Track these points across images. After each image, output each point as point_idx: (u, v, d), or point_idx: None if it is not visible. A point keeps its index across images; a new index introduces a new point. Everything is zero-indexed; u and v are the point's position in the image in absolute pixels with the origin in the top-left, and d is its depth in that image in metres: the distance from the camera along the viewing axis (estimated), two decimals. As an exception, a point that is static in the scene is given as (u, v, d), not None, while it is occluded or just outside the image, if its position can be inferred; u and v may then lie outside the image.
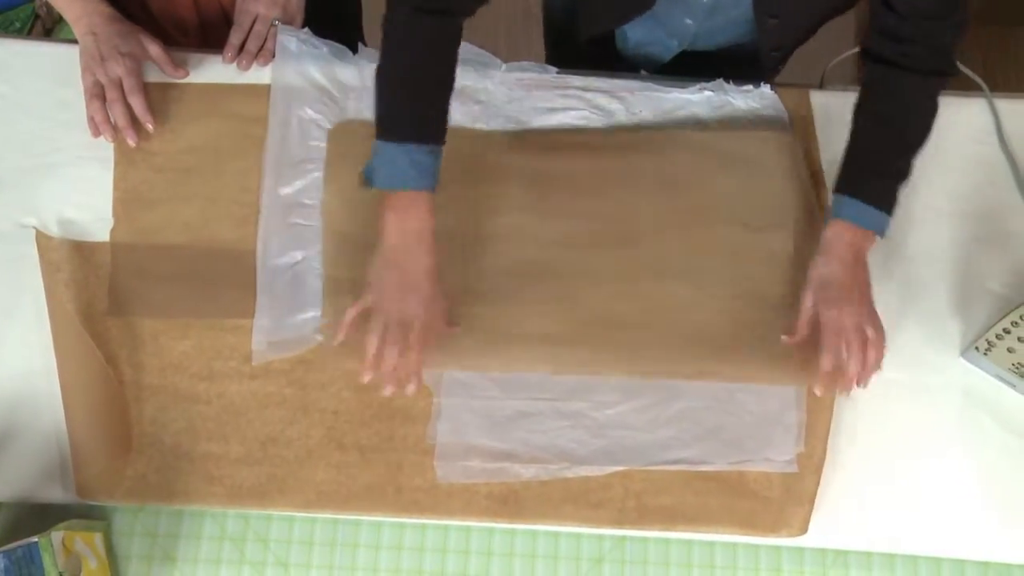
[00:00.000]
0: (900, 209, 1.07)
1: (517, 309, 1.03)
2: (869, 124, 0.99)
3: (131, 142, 1.09)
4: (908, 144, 0.99)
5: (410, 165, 0.93)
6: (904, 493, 0.98)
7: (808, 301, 0.97)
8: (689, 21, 1.11)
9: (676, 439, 0.99)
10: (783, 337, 0.98)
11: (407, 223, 0.94)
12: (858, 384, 0.95)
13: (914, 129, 0.99)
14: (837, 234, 0.97)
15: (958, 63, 1.00)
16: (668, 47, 1.18)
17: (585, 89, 1.13)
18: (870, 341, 0.94)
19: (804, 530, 0.95)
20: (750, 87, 1.12)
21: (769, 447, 0.98)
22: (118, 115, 1.08)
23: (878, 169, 0.98)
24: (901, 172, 0.99)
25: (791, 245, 1.06)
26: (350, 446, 0.99)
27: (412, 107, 0.95)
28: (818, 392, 0.96)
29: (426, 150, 0.94)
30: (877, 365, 0.95)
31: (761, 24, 1.06)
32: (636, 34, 1.19)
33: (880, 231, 0.98)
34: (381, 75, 0.96)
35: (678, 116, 1.11)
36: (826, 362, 0.94)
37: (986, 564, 0.98)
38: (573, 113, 1.12)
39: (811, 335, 0.97)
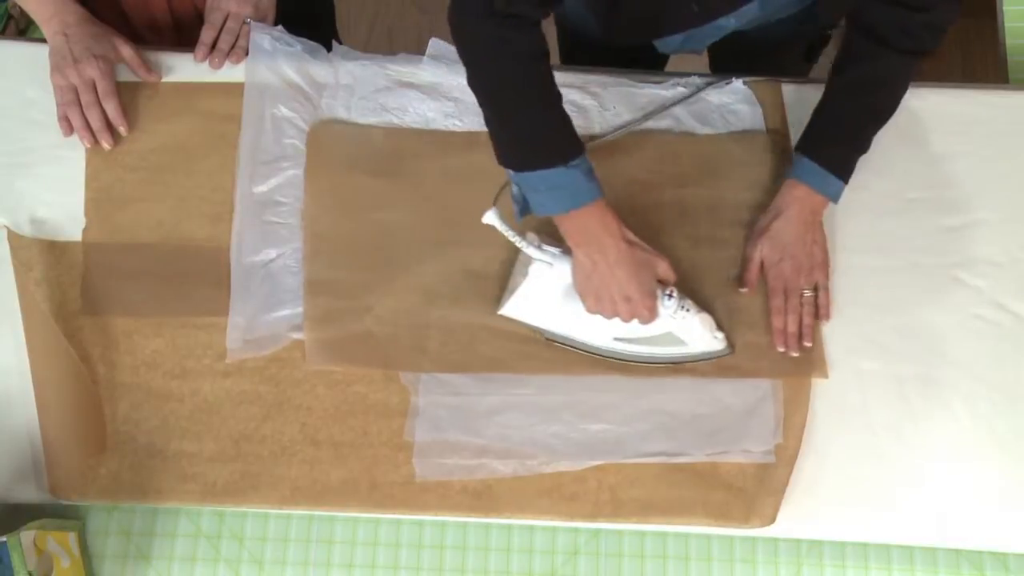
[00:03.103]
0: (873, 197, 1.08)
1: (489, 308, 1.03)
2: (842, 90, 1.00)
3: (106, 146, 1.09)
4: (876, 116, 1.01)
5: (585, 178, 0.91)
6: (877, 483, 0.98)
7: (756, 252, 1.01)
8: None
9: (654, 432, 0.99)
10: (742, 289, 1.03)
11: (606, 237, 0.92)
12: (803, 342, 1.00)
13: (885, 102, 1.01)
14: (793, 194, 1.00)
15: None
16: (721, 29, 1.09)
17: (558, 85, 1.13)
18: (808, 299, 1.01)
19: (773, 520, 0.95)
20: (722, 82, 1.12)
21: (747, 438, 0.98)
22: (94, 119, 1.08)
23: (841, 137, 1.01)
24: (863, 143, 1.01)
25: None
26: (324, 442, 0.99)
27: (552, 123, 0.92)
28: (780, 349, 1.00)
29: (586, 158, 0.91)
30: (817, 325, 1.02)
31: None
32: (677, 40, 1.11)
33: (835, 198, 1.01)
34: (495, 100, 0.92)
35: (651, 111, 1.11)
36: (777, 321, 1.00)
37: (958, 552, 0.98)
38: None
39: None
